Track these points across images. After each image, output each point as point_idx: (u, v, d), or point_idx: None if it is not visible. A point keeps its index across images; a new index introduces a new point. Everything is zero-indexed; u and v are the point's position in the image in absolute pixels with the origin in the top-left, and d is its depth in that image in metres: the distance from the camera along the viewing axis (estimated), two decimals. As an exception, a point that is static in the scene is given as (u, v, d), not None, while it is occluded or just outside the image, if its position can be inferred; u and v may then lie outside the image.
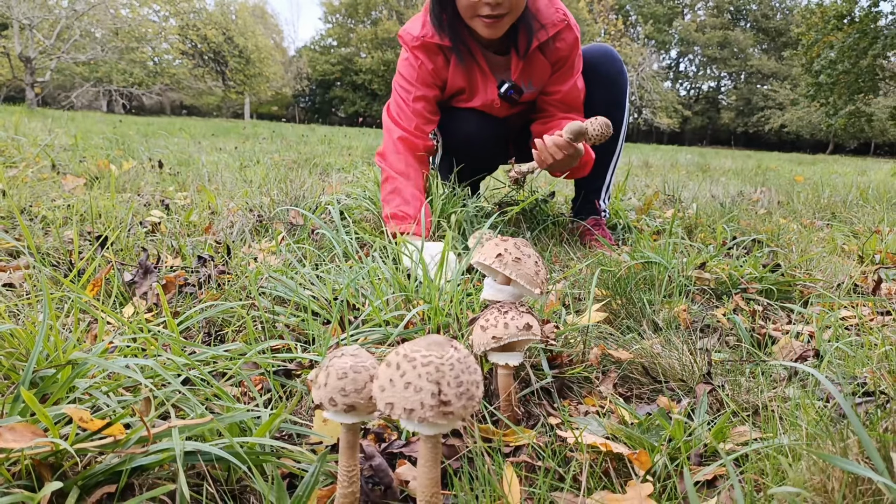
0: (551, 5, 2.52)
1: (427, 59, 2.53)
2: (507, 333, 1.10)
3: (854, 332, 1.60)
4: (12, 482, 0.82)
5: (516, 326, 1.11)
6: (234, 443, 0.89)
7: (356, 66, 53.87)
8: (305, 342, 1.48)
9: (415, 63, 2.53)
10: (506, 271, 1.17)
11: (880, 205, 4.46)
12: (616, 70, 2.76)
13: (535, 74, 2.58)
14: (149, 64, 41.10)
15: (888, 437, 0.85)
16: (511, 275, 1.17)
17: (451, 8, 2.39)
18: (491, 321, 1.12)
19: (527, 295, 1.24)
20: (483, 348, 1.12)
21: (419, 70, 2.52)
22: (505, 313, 1.13)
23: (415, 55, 2.53)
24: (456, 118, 2.72)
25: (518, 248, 1.19)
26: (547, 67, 2.56)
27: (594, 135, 2.26)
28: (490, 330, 1.11)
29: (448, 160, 2.87)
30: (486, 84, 2.59)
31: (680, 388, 1.32)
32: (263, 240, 2.45)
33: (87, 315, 1.53)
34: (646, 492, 0.92)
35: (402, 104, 2.56)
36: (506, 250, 1.18)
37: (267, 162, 5.41)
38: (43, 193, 3.05)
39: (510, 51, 2.54)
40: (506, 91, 2.56)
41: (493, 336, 1.11)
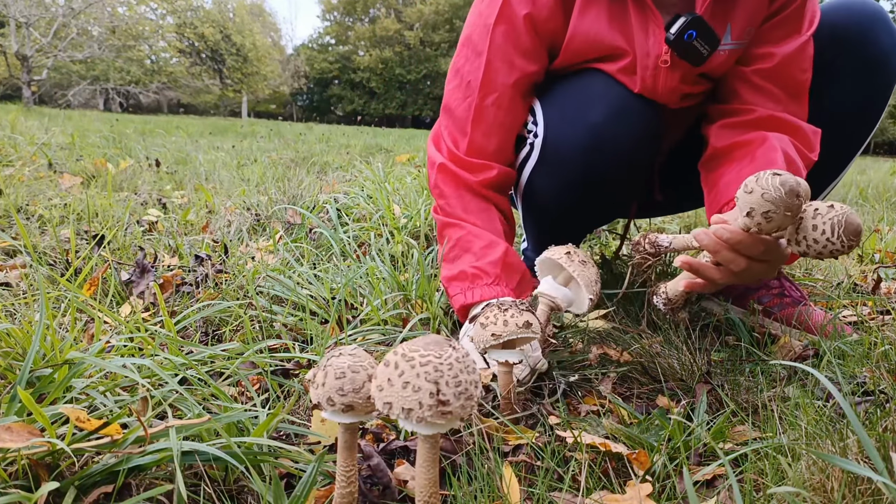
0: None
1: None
2: (506, 331, 1.10)
3: (853, 332, 1.60)
4: (9, 482, 0.81)
5: (516, 324, 1.10)
6: (232, 443, 0.88)
7: (354, 65, 53.83)
8: (303, 342, 1.48)
9: (497, 4, 1.45)
10: (570, 268, 1.25)
11: (880, 204, 4.47)
12: (885, 46, 1.52)
13: (739, 12, 1.44)
14: (146, 62, 41.03)
15: (887, 437, 0.84)
16: (574, 273, 1.25)
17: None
18: (491, 318, 1.12)
19: (580, 301, 1.30)
20: (483, 345, 1.12)
21: (505, 24, 1.45)
22: (505, 311, 1.12)
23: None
24: (572, 97, 1.49)
25: (586, 254, 1.29)
26: (762, 1, 1.45)
27: (819, 242, 1.14)
28: (490, 327, 1.11)
29: (546, 180, 1.56)
30: (647, 28, 1.42)
31: (679, 388, 1.32)
32: (261, 239, 2.44)
33: (83, 314, 1.52)
34: (645, 492, 0.92)
35: (459, 103, 1.51)
36: (575, 252, 1.26)
37: (264, 161, 5.40)
38: (40, 192, 3.04)
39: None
40: (681, 32, 1.36)
41: (492, 333, 1.10)
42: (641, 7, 1.42)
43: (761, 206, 1.12)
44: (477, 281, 1.40)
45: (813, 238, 1.14)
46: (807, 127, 1.47)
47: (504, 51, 1.46)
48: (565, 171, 1.49)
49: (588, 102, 1.45)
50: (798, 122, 1.47)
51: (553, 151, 1.49)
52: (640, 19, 1.42)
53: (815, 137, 1.48)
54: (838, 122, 1.57)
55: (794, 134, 1.45)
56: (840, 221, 1.11)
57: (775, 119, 1.46)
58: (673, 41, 1.38)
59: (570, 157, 1.46)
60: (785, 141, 1.42)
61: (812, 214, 1.15)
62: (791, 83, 1.48)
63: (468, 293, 1.39)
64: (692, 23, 1.36)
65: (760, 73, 1.48)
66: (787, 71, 1.47)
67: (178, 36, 42.40)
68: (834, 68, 1.54)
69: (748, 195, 1.14)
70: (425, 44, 52.87)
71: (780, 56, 1.45)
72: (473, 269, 1.40)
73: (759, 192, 1.12)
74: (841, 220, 1.11)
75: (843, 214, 1.12)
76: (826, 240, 1.13)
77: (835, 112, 1.57)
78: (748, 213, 1.14)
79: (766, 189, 1.11)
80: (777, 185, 1.10)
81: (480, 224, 1.47)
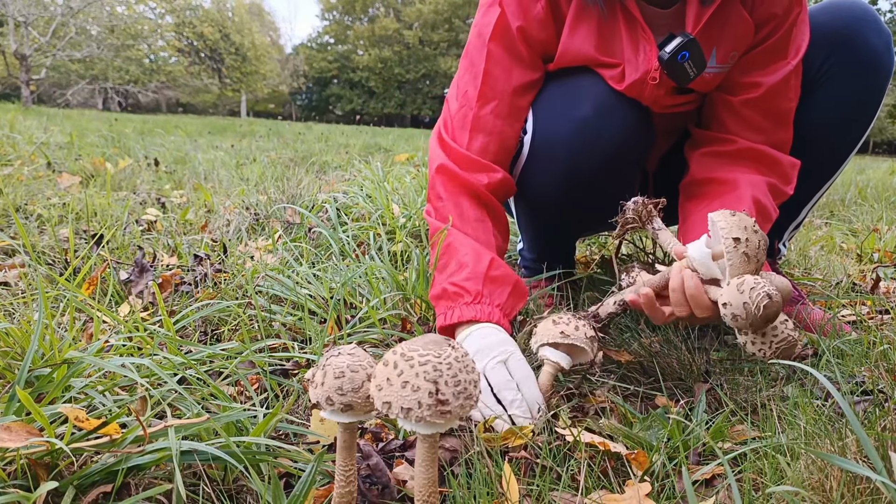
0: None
1: (519, 6, 1.44)
2: (575, 335, 1.17)
3: (852, 331, 1.60)
4: (8, 482, 0.81)
5: (585, 334, 1.18)
6: (231, 442, 0.88)
7: (353, 64, 53.83)
8: (302, 341, 1.48)
9: (493, 16, 1.46)
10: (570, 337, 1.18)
11: (879, 203, 4.47)
12: (875, 46, 1.50)
13: (726, 37, 1.44)
14: (145, 61, 41.02)
15: (886, 436, 0.84)
16: (571, 339, 1.18)
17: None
18: (564, 320, 1.19)
19: (582, 357, 1.23)
20: (545, 339, 1.18)
21: (501, 35, 1.46)
22: (579, 319, 1.20)
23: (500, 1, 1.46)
24: (559, 94, 1.50)
25: (576, 320, 1.21)
26: (748, 28, 1.43)
27: (748, 315, 1.08)
28: (561, 325, 1.18)
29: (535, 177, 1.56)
30: (637, 45, 1.43)
31: (678, 387, 1.32)
32: (260, 238, 2.44)
33: (82, 314, 1.52)
34: (644, 491, 0.92)
35: (461, 108, 1.50)
36: (748, 240, 1.12)
37: (263, 160, 5.40)
38: (38, 192, 3.03)
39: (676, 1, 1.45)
40: (675, 52, 1.37)
41: (561, 331, 1.17)
42: (632, 25, 1.42)
43: (736, 309, 1.08)
44: (458, 300, 1.32)
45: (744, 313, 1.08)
46: (785, 160, 1.49)
47: (501, 61, 1.47)
48: (553, 166, 1.49)
49: (575, 98, 1.46)
50: (778, 157, 1.49)
51: (541, 147, 1.49)
52: (630, 37, 1.43)
53: (792, 170, 1.50)
54: (831, 123, 1.58)
55: (772, 168, 1.48)
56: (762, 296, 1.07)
57: (756, 152, 1.48)
58: (666, 60, 1.38)
59: (558, 151, 1.47)
60: (759, 185, 1.45)
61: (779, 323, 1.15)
62: (776, 112, 1.49)
63: (448, 314, 1.31)
64: (687, 44, 1.37)
65: (747, 103, 1.48)
66: (773, 101, 1.47)
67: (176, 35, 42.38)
68: (825, 70, 1.53)
69: (731, 289, 1.09)
70: (424, 43, 52.87)
71: (767, 86, 1.46)
72: (454, 288, 1.33)
73: (740, 301, 1.07)
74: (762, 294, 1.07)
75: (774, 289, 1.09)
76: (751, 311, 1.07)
77: (828, 114, 1.57)
78: (724, 302, 1.10)
79: (748, 302, 1.06)
80: (759, 305, 1.05)
81: (471, 234, 1.41)
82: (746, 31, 1.43)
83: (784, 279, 1.22)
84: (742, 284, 1.08)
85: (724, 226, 1.13)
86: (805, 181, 1.63)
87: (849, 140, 1.63)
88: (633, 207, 1.31)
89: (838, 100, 1.55)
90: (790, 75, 1.46)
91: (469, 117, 1.47)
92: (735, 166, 1.49)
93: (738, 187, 1.43)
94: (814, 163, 1.60)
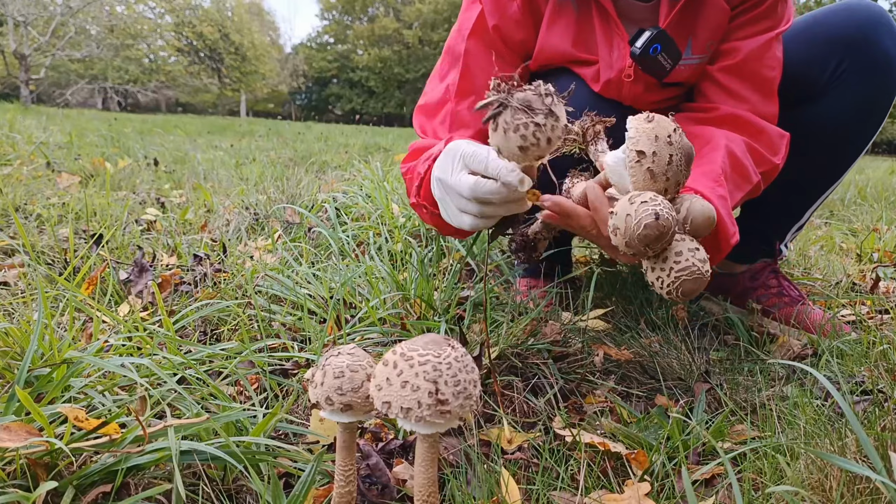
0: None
1: (495, 5, 1.42)
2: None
3: (852, 331, 1.60)
4: (7, 481, 0.81)
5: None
6: (230, 442, 0.88)
7: (353, 63, 53.81)
8: (302, 341, 1.48)
9: (474, 13, 1.44)
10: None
11: (878, 203, 4.47)
12: (888, 48, 1.50)
13: (701, 26, 1.42)
14: (144, 61, 41.03)
15: (886, 436, 0.85)
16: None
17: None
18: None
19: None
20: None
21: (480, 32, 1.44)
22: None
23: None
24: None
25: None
26: (723, 13, 1.42)
27: (630, 233, 0.93)
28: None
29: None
30: (611, 42, 1.43)
31: (678, 387, 1.32)
32: (259, 238, 2.44)
33: (82, 314, 1.52)
34: (643, 491, 0.92)
35: (439, 98, 1.46)
36: (655, 154, 0.95)
37: (263, 160, 5.40)
38: (38, 191, 3.03)
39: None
40: (646, 46, 1.36)
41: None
42: (606, 21, 1.41)
43: (618, 221, 0.94)
44: (425, 151, 1.27)
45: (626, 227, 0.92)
46: (772, 129, 1.42)
47: (479, 57, 1.44)
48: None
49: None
50: (762, 125, 1.41)
51: None
52: (604, 33, 1.42)
53: (780, 140, 1.43)
54: (843, 123, 1.56)
55: (756, 135, 1.41)
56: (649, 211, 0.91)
57: (737, 118, 1.41)
58: (638, 56, 1.37)
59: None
60: (736, 141, 1.37)
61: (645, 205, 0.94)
62: (758, 80, 1.43)
63: (422, 167, 1.23)
64: (657, 37, 1.35)
65: (725, 69, 1.44)
66: (752, 67, 1.42)
67: (176, 35, 42.38)
68: (840, 72, 1.52)
69: (624, 200, 0.95)
70: (424, 43, 52.86)
71: (746, 51, 1.41)
72: (423, 144, 1.32)
73: (624, 213, 0.93)
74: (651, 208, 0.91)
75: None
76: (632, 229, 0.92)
77: (840, 116, 1.55)
78: (612, 211, 0.96)
79: (630, 215, 0.92)
80: (640, 221, 0.90)
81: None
82: (723, 19, 1.41)
83: (705, 207, 1.01)
84: (635, 196, 0.93)
85: (633, 134, 0.97)
86: (813, 182, 1.63)
87: (858, 143, 1.62)
88: (580, 122, 1.15)
89: (852, 102, 1.54)
90: (771, 42, 1.42)
91: (448, 112, 1.43)
92: (708, 128, 1.41)
93: (711, 140, 1.35)
94: (823, 164, 1.60)
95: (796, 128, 1.50)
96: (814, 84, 1.54)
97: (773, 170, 1.42)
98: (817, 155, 1.57)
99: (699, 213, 1.00)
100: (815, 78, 1.54)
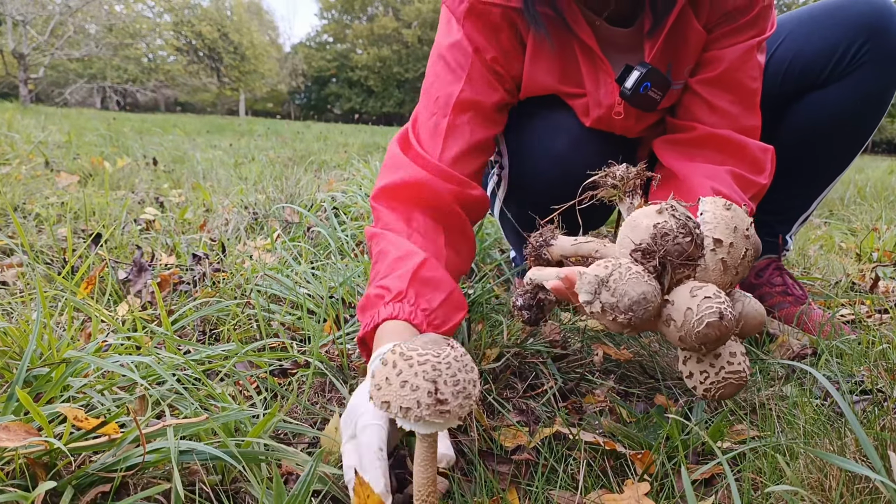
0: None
1: (484, 37, 1.36)
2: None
3: (851, 330, 1.60)
4: (6, 481, 0.81)
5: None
6: (229, 442, 0.88)
7: (352, 63, 53.78)
8: (301, 340, 1.48)
9: (463, 43, 1.36)
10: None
11: (878, 202, 4.48)
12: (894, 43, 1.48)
13: (682, 53, 1.39)
14: (143, 60, 41.01)
15: (885, 435, 0.85)
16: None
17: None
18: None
19: None
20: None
21: (471, 55, 1.35)
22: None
23: (464, 29, 1.36)
24: (534, 130, 1.49)
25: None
26: (701, 37, 1.38)
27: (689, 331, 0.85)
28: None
29: (517, 208, 1.62)
30: (597, 77, 1.39)
31: (677, 387, 1.32)
32: (258, 237, 2.44)
33: (81, 313, 1.52)
34: (643, 490, 0.92)
35: (432, 115, 1.36)
36: (732, 245, 0.89)
37: (262, 159, 5.40)
38: (36, 191, 3.03)
39: (638, 16, 1.40)
40: (637, 85, 1.33)
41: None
42: (590, 56, 1.36)
43: (675, 312, 0.85)
44: (378, 302, 1.11)
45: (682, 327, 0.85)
46: (754, 145, 1.36)
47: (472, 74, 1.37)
48: (533, 199, 1.44)
49: (551, 134, 1.45)
50: (743, 142, 1.35)
51: (518, 182, 1.47)
52: (589, 69, 1.37)
53: (764, 156, 1.36)
54: (854, 111, 1.55)
55: (737, 154, 1.35)
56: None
57: (717, 138, 1.36)
58: (630, 96, 1.33)
59: (536, 186, 1.46)
60: (720, 176, 1.31)
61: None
62: (740, 91, 1.37)
63: (367, 322, 1.10)
64: (646, 75, 1.31)
65: (707, 81, 1.38)
66: (734, 77, 1.37)
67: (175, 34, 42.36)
68: (859, 57, 1.49)
69: (683, 289, 0.87)
70: (423, 42, 52.81)
71: (727, 61, 1.36)
72: (377, 290, 1.13)
73: (684, 306, 0.85)
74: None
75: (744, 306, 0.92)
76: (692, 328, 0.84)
77: (853, 102, 1.53)
78: (669, 299, 0.87)
79: (691, 309, 0.84)
80: (702, 318, 0.83)
81: (416, 242, 1.20)
82: (701, 43, 1.38)
83: (759, 308, 0.98)
84: (699, 289, 0.85)
85: (709, 219, 0.92)
86: (823, 170, 1.62)
87: (865, 130, 1.60)
88: (622, 172, 1.04)
89: (866, 89, 1.52)
90: (752, 51, 1.36)
91: (441, 122, 1.34)
92: (693, 157, 1.37)
93: (693, 187, 1.29)
94: (833, 151, 1.59)
95: (806, 114, 1.50)
96: (826, 70, 1.53)
97: (760, 191, 1.38)
98: (829, 142, 1.57)
99: (753, 315, 0.97)
100: (828, 63, 1.52)
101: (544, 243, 1.16)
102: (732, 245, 0.90)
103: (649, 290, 0.84)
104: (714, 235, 0.91)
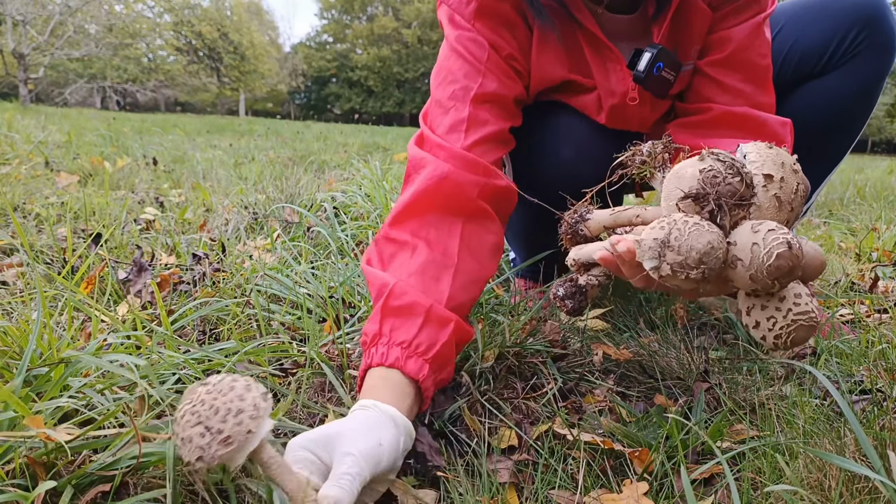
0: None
1: (498, 35, 1.31)
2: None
3: (851, 330, 1.60)
4: (6, 480, 0.81)
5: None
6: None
7: (352, 63, 53.81)
8: (301, 340, 1.48)
9: (477, 38, 1.30)
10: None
11: (877, 202, 4.48)
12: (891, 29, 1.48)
13: (688, 34, 1.37)
14: (143, 60, 41.03)
15: (885, 435, 0.85)
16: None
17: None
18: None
19: None
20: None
21: (488, 49, 1.30)
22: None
23: (474, 28, 1.30)
24: (544, 126, 1.46)
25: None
26: (707, 17, 1.35)
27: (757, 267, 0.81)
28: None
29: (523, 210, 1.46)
30: (605, 67, 1.36)
31: (677, 387, 1.32)
32: (258, 237, 2.44)
33: (80, 313, 1.52)
34: (642, 490, 0.92)
35: (448, 109, 1.29)
36: (783, 179, 0.87)
37: (262, 159, 5.40)
38: (36, 191, 3.03)
39: (639, 3, 1.39)
40: (650, 66, 1.30)
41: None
42: (595, 45, 1.34)
43: (740, 251, 0.82)
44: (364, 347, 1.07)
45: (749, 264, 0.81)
46: (773, 119, 1.32)
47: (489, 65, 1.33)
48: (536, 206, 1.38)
49: (556, 140, 1.43)
50: (763, 117, 1.32)
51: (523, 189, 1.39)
52: (596, 59, 1.35)
53: (783, 129, 1.33)
54: (856, 97, 1.54)
55: (757, 130, 1.32)
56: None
57: (734, 115, 1.33)
58: (644, 79, 1.30)
59: (545, 193, 1.38)
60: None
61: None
62: (751, 69, 1.34)
63: (359, 376, 1.06)
64: (658, 55, 1.28)
65: (716, 63, 1.36)
66: (744, 56, 1.34)
67: (175, 34, 42.38)
68: (856, 45, 1.48)
69: (743, 227, 0.84)
70: (423, 42, 52.85)
71: (735, 41, 1.33)
72: (362, 334, 1.08)
73: (748, 241, 0.81)
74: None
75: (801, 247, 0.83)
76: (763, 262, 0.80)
77: (851, 89, 1.52)
78: (731, 241, 0.84)
79: (758, 244, 0.80)
80: (771, 251, 0.79)
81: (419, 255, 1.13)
82: (706, 23, 1.36)
83: (818, 248, 0.92)
84: (759, 225, 0.81)
85: (755, 158, 0.89)
86: (818, 161, 1.61)
87: (862, 114, 1.60)
88: (649, 148, 1.02)
89: (862, 76, 1.51)
90: (760, 28, 1.34)
91: (459, 112, 1.27)
92: (711, 136, 1.32)
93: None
94: (826, 143, 1.59)
95: (803, 103, 1.50)
96: (823, 58, 1.52)
97: None
98: (821, 132, 1.56)
99: (813, 255, 0.90)
100: (825, 53, 1.52)
101: (580, 219, 1.11)
102: (783, 179, 0.88)
103: (714, 237, 0.80)
104: (763, 172, 0.88)
